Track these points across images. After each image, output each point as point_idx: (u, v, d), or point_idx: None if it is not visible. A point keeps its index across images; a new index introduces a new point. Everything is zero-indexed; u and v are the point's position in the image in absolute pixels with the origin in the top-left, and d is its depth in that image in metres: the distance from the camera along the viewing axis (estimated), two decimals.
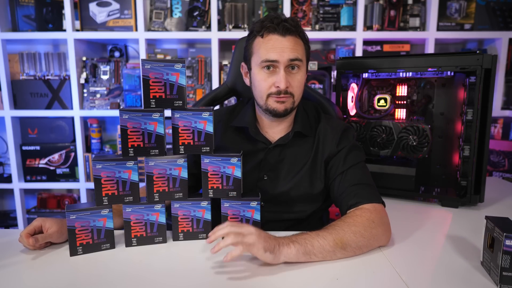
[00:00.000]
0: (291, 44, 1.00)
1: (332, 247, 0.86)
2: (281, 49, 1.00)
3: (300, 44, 1.03)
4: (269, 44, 1.00)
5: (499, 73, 2.20)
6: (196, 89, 2.35)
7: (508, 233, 0.74)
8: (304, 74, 1.05)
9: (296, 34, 1.01)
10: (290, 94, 1.03)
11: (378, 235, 0.92)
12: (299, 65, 1.02)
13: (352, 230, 0.89)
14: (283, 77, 1.00)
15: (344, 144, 1.08)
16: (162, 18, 2.28)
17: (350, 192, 1.00)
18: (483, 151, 1.26)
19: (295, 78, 1.03)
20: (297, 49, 1.01)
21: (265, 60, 1.01)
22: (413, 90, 1.41)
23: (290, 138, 1.09)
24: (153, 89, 0.92)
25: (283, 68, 1.00)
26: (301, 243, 0.84)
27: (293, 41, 1.01)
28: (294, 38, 1.01)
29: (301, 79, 1.04)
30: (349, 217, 0.93)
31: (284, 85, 1.00)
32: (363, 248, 0.90)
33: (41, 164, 2.36)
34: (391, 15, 2.23)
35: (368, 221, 0.91)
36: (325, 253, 0.86)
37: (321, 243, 0.85)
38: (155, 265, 0.86)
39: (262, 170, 1.11)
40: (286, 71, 1.01)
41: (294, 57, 1.00)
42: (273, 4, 2.26)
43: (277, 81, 1.01)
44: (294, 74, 1.03)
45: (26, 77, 2.33)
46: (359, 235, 0.89)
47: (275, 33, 1.00)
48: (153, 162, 0.94)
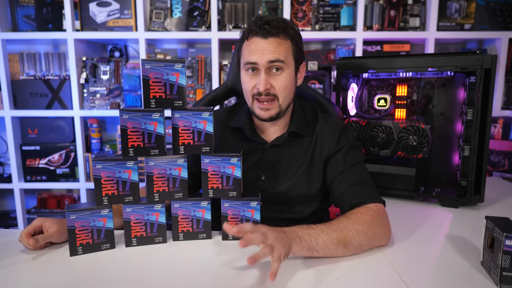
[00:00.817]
0: (272, 46, 0.99)
1: (335, 245, 0.86)
2: (262, 51, 1.00)
3: (283, 45, 1.01)
4: (251, 47, 1.01)
5: (499, 73, 2.20)
6: (196, 89, 2.35)
7: (508, 233, 0.74)
8: (289, 75, 1.03)
9: (279, 35, 1.00)
10: (273, 95, 1.03)
11: (380, 234, 0.92)
12: (281, 67, 1.01)
13: (356, 229, 0.89)
14: (262, 79, 1.00)
15: (344, 143, 1.08)
16: (162, 18, 2.28)
17: (353, 192, 1.00)
18: (483, 151, 1.26)
19: (277, 79, 1.02)
20: (278, 50, 1.00)
21: (246, 62, 1.02)
22: (413, 90, 1.41)
23: (286, 138, 1.10)
24: (153, 89, 0.92)
25: (263, 70, 1.01)
26: (305, 239, 0.84)
27: (274, 42, 1.00)
28: (277, 39, 1.00)
29: (285, 80, 1.03)
30: (354, 214, 0.93)
31: (262, 87, 1.01)
32: (364, 247, 0.91)
33: (41, 164, 2.36)
34: (391, 15, 2.24)
35: (372, 220, 0.92)
36: (327, 250, 0.86)
37: (325, 240, 0.86)
38: (155, 265, 0.86)
39: (260, 170, 1.11)
40: (268, 73, 1.01)
41: (274, 59, 1.00)
42: (273, 4, 2.26)
43: (257, 83, 1.02)
44: (277, 76, 1.02)
45: (26, 77, 2.33)
46: (362, 234, 0.89)
47: (257, 36, 1.01)
48: (153, 162, 0.94)
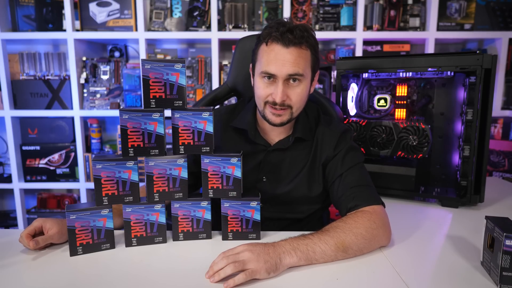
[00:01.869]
0: (293, 57, 0.97)
1: (334, 252, 0.86)
2: (282, 62, 0.97)
3: (303, 56, 0.98)
4: (271, 55, 0.98)
5: (499, 73, 2.20)
6: (196, 89, 2.35)
7: (508, 233, 0.74)
8: (305, 86, 1.02)
9: (302, 45, 0.97)
10: (288, 106, 1.01)
11: (379, 236, 0.92)
12: (300, 79, 1.00)
13: (353, 232, 0.88)
14: (280, 91, 0.98)
15: (342, 146, 1.08)
16: (162, 18, 2.28)
17: (349, 195, 1.00)
18: (483, 151, 1.26)
19: (294, 91, 1.00)
20: (298, 62, 0.97)
21: (264, 71, 1.00)
22: (413, 90, 1.41)
23: (291, 144, 1.09)
24: (153, 89, 0.92)
25: (281, 81, 0.98)
26: (303, 251, 0.84)
27: (296, 53, 0.97)
28: (298, 49, 0.97)
29: (301, 92, 1.01)
30: (350, 218, 0.93)
31: (280, 99, 0.99)
32: (364, 250, 0.90)
33: (41, 164, 2.36)
34: (391, 15, 2.23)
35: (369, 223, 0.91)
36: (327, 258, 0.86)
37: (323, 248, 0.85)
38: (155, 265, 0.86)
39: (261, 172, 1.11)
40: (285, 83, 0.99)
41: (294, 72, 0.98)
42: (273, 4, 2.26)
43: (274, 93, 1.00)
44: (294, 87, 1.00)
45: (26, 77, 2.33)
46: (361, 237, 0.88)
47: (278, 43, 0.97)
48: (153, 162, 0.94)
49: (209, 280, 0.78)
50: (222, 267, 0.78)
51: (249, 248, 0.81)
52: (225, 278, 0.77)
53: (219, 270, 0.78)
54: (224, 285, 0.76)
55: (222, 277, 0.77)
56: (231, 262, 0.78)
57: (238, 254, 0.80)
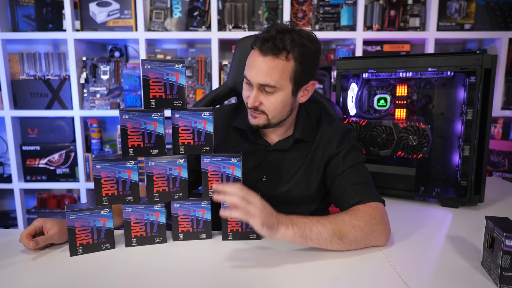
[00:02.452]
0: (267, 67, 0.96)
1: (330, 236, 0.88)
2: (257, 70, 0.98)
3: (279, 68, 0.96)
4: (251, 60, 1.00)
5: (499, 73, 2.20)
6: (196, 89, 2.35)
7: (508, 233, 0.74)
8: (281, 97, 1.00)
9: (281, 56, 0.95)
10: (262, 112, 1.02)
11: (377, 231, 0.93)
12: (273, 90, 0.99)
13: (352, 223, 0.90)
14: (252, 97, 1.00)
15: (344, 145, 1.08)
16: (162, 18, 2.28)
17: (352, 191, 1.00)
18: (483, 151, 1.26)
19: (268, 99, 1.01)
20: (271, 73, 0.96)
21: (244, 74, 1.02)
22: (413, 90, 1.41)
23: (290, 145, 1.10)
24: (153, 89, 0.92)
25: (255, 87, 1.00)
26: (299, 227, 0.86)
27: (271, 64, 0.96)
28: (275, 60, 0.96)
29: (275, 101, 1.00)
30: (352, 210, 0.95)
31: (250, 104, 1.01)
32: (360, 242, 0.91)
33: (41, 164, 2.36)
34: (391, 15, 2.23)
35: (369, 217, 0.92)
36: (322, 240, 0.87)
37: (320, 230, 0.87)
38: (155, 265, 0.86)
39: (261, 172, 1.11)
40: (260, 90, 1.00)
41: (265, 83, 0.97)
42: (273, 4, 2.26)
43: (249, 97, 1.02)
44: (268, 96, 1.00)
45: (26, 77, 2.33)
46: (358, 229, 0.90)
47: (257, 50, 0.98)
48: (153, 162, 0.94)
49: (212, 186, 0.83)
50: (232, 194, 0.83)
51: (261, 200, 0.85)
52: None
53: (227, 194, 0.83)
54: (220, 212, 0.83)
55: (226, 200, 0.83)
56: (241, 195, 0.82)
57: (250, 196, 0.84)
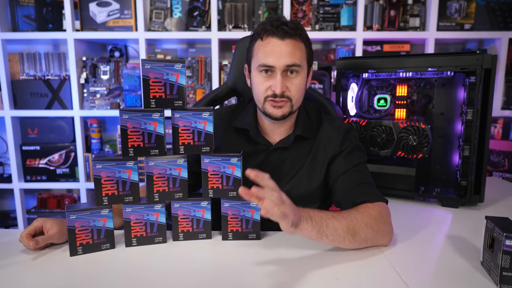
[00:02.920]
0: (289, 48, 0.98)
1: (344, 232, 0.87)
2: (279, 53, 0.98)
3: (299, 48, 1.01)
4: (268, 48, 1.00)
5: (499, 73, 2.20)
6: (196, 89, 2.35)
7: (508, 233, 0.74)
8: (303, 78, 1.03)
9: (296, 37, 0.99)
10: (287, 98, 1.02)
11: (385, 231, 0.93)
12: (297, 70, 1.01)
13: (364, 221, 0.90)
14: (279, 82, 0.99)
15: (347, 144, 1.08)
16: (162, 18, 2.28)
17: (357, 191, 1.00)
18: (483, 151, 1.26)
19: (293, 82, 1.01)
20: (295, 53, 0.99)
21: (262, 64, 1.00)
22: (413, 90, 1.41)
23: (292, 142, 1.09)
24: (153, 89, 0.92)
25: (280, 72, 0.99)
26: (317, 221, 0.84)
27: (292, 45, 0.99)
28: (294, 41, 0.99)
29: (299, 83, 1.02)
30: (363, 207, 0.94)
31: (279, 90, 1.00)
32: (368, 241, 0.92)
33: (41, 164, 2.36)
34: (391, 15, 2.23)
35: (379, 216, 0.93)
36: (336, 237, 0.87)
37: (336, 225, 0.86)
38: (155, 265, 0.86)
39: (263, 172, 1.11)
40: (284, 75, 1.00)
41: (291, 63, 0.99)
42: (273, 4, 2.26)
43: (273, 85, 1.00)
44: (292, 78, 1.01)
45: (26, 77, 2.33)
46: (369, 227, 0.90)
47: (274, 36, 0.99)
48: (153, 162, 0.94)
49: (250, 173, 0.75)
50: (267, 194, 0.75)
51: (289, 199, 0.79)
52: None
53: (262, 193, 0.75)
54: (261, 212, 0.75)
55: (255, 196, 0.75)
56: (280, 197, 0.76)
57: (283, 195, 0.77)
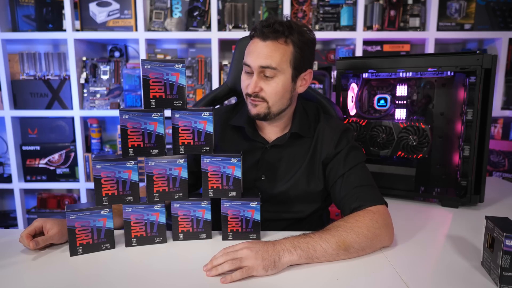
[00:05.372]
0: (267, 50, 0.99)
1: (335, 250, 0.86)
2: (257, 54, 1.00)
3: (280, 51, 0.99)
4: (251, 47, 1.02)
5: (499, 73, 2.20)
6: (196, 89, 2.35)
7: (508, 233, 0.74)
8: (281, 81, 1.01)
9: (281, 39, 0.99)
10: (262, 98, 1.03)
11: (381, 235, 0.92)
12: (273, 73, 1.00)
13: (355, 231, 0.88)
14: (252, 82, 1.01)
15: (343, 145, 1.08)
16: (162, 18, 2.28)
17: (352, 195, 1.00)
18: (483, 151, 1.26)
19: (268, 84, 1.02)
20: (273, 56, 0.98)
21: (243, 62, 1.04)
22: (413, 90, 1.41)
23: (287, 139, 1.10)
24: (153, 89, 0.92)
25: (256, 73, 1.01)
26: (303, 249, 0.84)
27: (272, 47, 0.99)
28: (275, 43, 0.99)
29: (276, 86, 1.01)
30: (352, 217, 0.93)
31: (251, 89, 1.01)
32: (366, 249, 0.90)
33: (41, 164, 2.36)
34: (391, 15, 2.23)
35: (371, 222, 0.91)
36: (328, 256, 0.86)
37: (324, 247, 0.85)
38: (155, 265, 0.86)
39: (260, 170, 1.11)
40: (260, 76, 1.01)
41: (265, 65, 0.99)
42: (273, 4, 2.26)
43: (249, 84, 1.03)
44: (268, 81, 1.01)
45: (26, 77, 2.33)
46: (362, 236, 0.88)
47: (257, 37, 1.01)
48: (153, 162, 0.94)
49: (206, 273, 0.80)
50: (221, 263, 0.80)
51: (248, 246, 0.82)
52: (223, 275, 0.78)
53: (218, 265, 0.80)
54: (221, 280, 0.78)
55: (219, 272, 0.80)
56: (229, 259, 0.80)
57: (237, 252, 0.82)
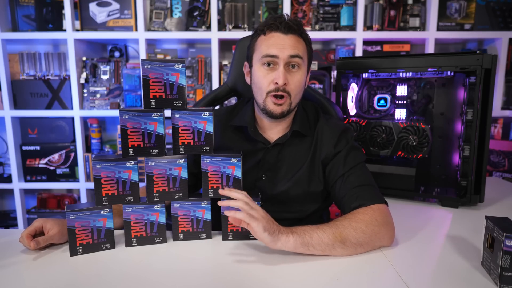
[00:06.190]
0: (292, 41, 1.01)
1: (332, 241, 0.87)
2: (282, 45, 1.00)
3: (301, 43, 1.03)
4: (271, 41, 1.02)
5: (499, 73, 2.20)
6: (196, 89, 2.35)
7: (508, 233, 0.74)
8: (303, 74, 1.05)
9: (298, 34, 1.02)
10: (287, 93, 1.02)
11: (380, 233, 0.92)
12: (299, 64, 1.02)
13: (352, 226, 0.90)
14: (281, 73, 1.00)
15: (342, 145, 1.08)
16: (162, 18, 2.28)
17: (352, 195, 1.00)
18: (483, 151, 1.26)
19: (294, 76, 1.02)
20: (298, 47, 1.02)
21: (265, 55, 1.01)
22: (413, 90, 1.41)
23: (289, 138, 1.10)
24: (153, 89, 0.92)
25: (282, 64, 1.00)
26: (299, 234, 0.87)
27: (294, 39, 1.02)
28: (296, 37, 1.02)
29: (300, 78, 1.03)
30: (351, 214, 0.94)
31: (282, 81, 1.00)
32: (364, 245, 0.90)
33: (41, 164, 2.36)
34: (391, 15, 2.23)
35: (370, 219, 0.92)
36: (324, 246, 0.87)
37: (320, 236, 0.87)
38: (155, 265, 0.86)
39: (261, 170, 1.11)
40: (286, 68, 1.01)
41: (295, 54, 1.00)
42: (273, 4, 2.26)
43: (276, 77, 1.01)
44: (294, 73, 1.02)
45: (26, 77, 2.33)
46: (360, 231, 0.89)
47: (277, 31, 1.01)
48: (153, 162, 0.94)
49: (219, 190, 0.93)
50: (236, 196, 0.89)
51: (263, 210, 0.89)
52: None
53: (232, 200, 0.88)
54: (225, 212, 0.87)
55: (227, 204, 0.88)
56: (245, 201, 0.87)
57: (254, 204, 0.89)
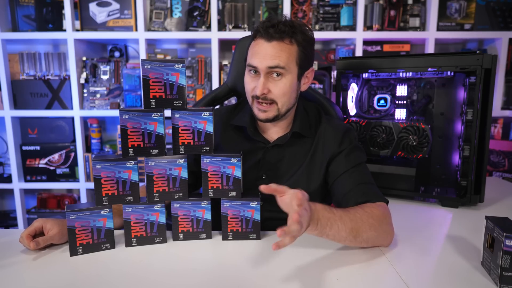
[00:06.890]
0: (274, 50, 0.98)
1: (347, 234, 0.87)
2: (263, 55, 0.99)
3: (286, 51, 0.99)
4: (255, 49, 1.01)
5: (499, 73, 2.20)
6: (196, 89, 2.34)
7: (508, 233, 0.74)
8: (289, 81, 1.02)
9: (285, 40, 0.99)
10: (271, 100, 1.02)
11: (386, 232, 0.93)
12: (282, 73, 1.00)
13: (369, 222, 0.90)
14: (260, 84, 1.00)
15: (346, 144, 1.08)
16: (162, 18, 2.28)
17: (358, 191, 1.00)
18: (483, 151, 1.26)
19: (276, 85, 1.01)
20: (280, 56, 0.98)
21: (248, 64, 1.03)
22: (413, 90, 1.41)
23: (289, 138, 1.10)
24: (153, 89, 0.92)
25: (263, 74, 1.00)
26: (323, 224, 0.82)
27: (277, 47, 0.98)
28: (280, 43, 0.99)
29: (284, 86, 1.01)
30: (368, 207, 0.94)
31: (259, 91, 1.00)
32: (370, 241, 0.92)
33: (41, 164, 2.36)
34: (391, 15, 2.23)
35: (382, 217, 0.93)
36: (337, 237, 0.87)
37: (340, 227, 0.85)
38: (155, 265, 0.86)
39: (261, 170, 1.11)
40: (268, 77, 1.01)
41: (274, 65, 0.99)
42: (273, 4, 2.26)
43: (256, 87, 1.02)
44: (277, 81, 1.01)
45: (26, 77, 2.33)
46: (373, 229, 0.90)
47: (261, 38, 1.00)
48: (153, 162, 0.94)
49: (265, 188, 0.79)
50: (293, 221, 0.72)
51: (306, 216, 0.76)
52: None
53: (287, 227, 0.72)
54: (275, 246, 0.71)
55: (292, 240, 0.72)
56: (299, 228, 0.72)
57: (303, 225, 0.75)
